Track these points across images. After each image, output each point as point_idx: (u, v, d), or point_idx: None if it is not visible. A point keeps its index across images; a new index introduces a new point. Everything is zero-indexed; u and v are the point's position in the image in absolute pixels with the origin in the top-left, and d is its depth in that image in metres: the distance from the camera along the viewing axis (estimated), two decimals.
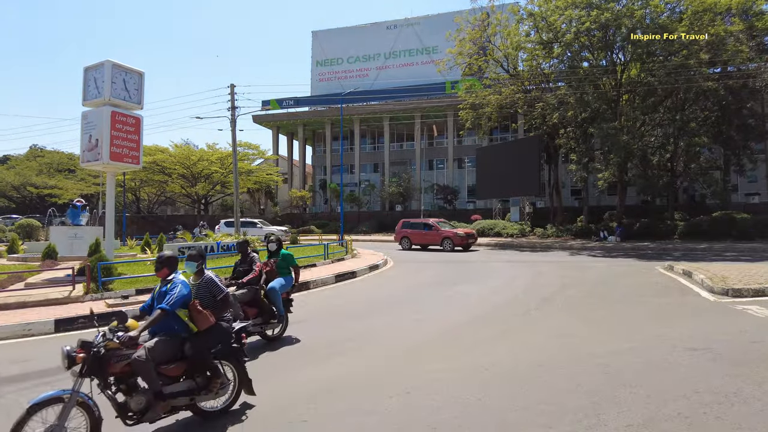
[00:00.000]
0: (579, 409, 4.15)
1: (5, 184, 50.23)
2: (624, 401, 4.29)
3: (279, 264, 7.25)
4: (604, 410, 4.11)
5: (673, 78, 24.27)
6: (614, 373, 5.08)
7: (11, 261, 16.43)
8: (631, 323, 7.57)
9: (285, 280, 7.14)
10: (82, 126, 13.34)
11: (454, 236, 23.45)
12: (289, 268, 7.32)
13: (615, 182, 27.81)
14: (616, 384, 4.73)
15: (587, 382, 4.80)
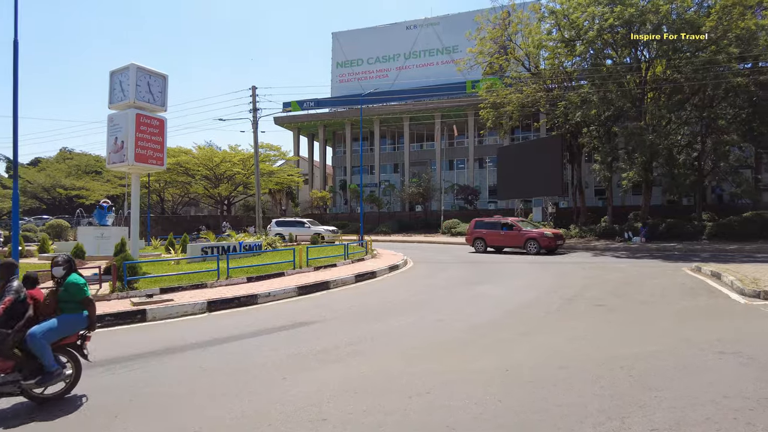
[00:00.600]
0: (602, 411, 4.07)
1: (36, 186, 51.75)
2: (649, 405, 4.19)
3: (61, 296, 4.93)
4: (629, 413, 4.01)
5: (700, 74, 23.63)
6: (639, 376, 4.96)
7: (42, 260, 16.90)
8: (657, 325, 7.39)
9: (60, 321, 4.75)
10: (108, 128, 13.67)
11: (540, 237, 21.09)
12: (77, 302, 4.94)
13: (640, 182, 27.24)
14: (640, 387, 4.62)
15: (611, 385, 4.69)
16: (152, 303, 9.18)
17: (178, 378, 5.28)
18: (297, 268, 14.36)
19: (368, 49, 51.78)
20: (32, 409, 4.47)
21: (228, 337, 7.17)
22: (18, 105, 9.65)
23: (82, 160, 58.23)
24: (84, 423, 4.13)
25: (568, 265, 16.37)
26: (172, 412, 4.31)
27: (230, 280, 11.92)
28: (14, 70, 9.57)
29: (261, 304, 10.05)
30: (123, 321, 8.36)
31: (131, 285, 10.53)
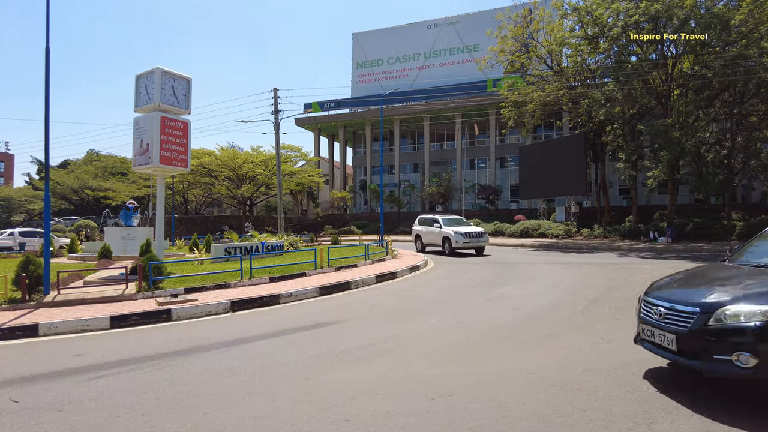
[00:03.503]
0: (628, 416, 3.99)
1: (65, 188, 53.19)
2: (676, 409, 4.09)
3: None
4: (656, 419, 3.92)
5: (730, 70, 22.98)
6: (667, 380, 4.84)
7: (71, 260, 17.39)
8: None
9: None
10: (134, 131, 13.96)
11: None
12: None
13: (666, 180, 26.64)
14: (668, 392, 4.52)
15: (637, 390, 4.60)
16: (177, 303, 9.34)
17: (203, 377, 5.36)
18: (318, 268, 14.45)
19: (388, 49, 51.79)
20: (61, 403, 4.59)
21: (251, 337, 7.25)
22: (50, 110, 9.91)
23: (109, 161, 59.66)
24: (111, 421, 4.22)
25: (591, 266, 16.10)
26: (197, 412, 4.37)
27: (253, 280, 12.06)
28: (46, 76, 9.84)
29: (283, 304, 10.14)
30: (148, 320, 8.53)
31: (156, 285, 10.73)
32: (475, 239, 20.69)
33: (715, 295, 4.30)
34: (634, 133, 27.93)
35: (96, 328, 8.04)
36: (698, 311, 4.16)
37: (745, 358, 3.76)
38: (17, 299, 9.44)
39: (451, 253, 20.68)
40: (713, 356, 3.94)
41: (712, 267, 5.59)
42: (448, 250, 20.81)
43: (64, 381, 5.35)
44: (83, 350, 6.69)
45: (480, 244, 20.89)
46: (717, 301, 4.17)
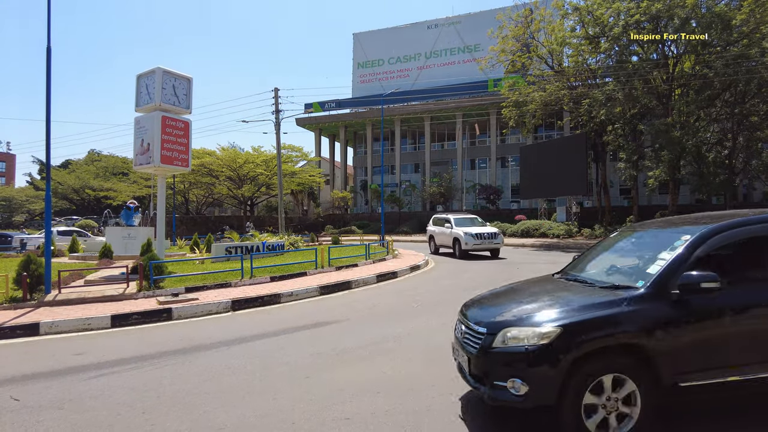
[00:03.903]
0: None
1: (66, 187, 53.25)
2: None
3: None
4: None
5: (732, 69, 22.96)
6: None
7: (72, 259, 17.40)
8: None
9: None
10: (134, 131, 13.96)
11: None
12: None
13: (667, 180, 26.62)
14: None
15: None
16: (178, 302, 9.34)
17: (204, 376, 5.36)
18: (319, 267, 14.44)
19: (389, 50, 51.79)
20: (62, 401, 4.59)
21: (252, 336, 7.25)
22: (51, 110, 9.92)
23: (110, 161, 59.73)
24: (111, 419, 4.22)
25: None
26: (197, 410, 4.37)
27: (254, 280, 12.06)
28: (47, 75, 9.84)
29: (284, 303, 10.14)
30: (149, 319, 8.53)
31: (157, 284, 10.73)
32: (488, 241, 18.85)
33: (506, 314, 3.90)
34: (635, 133, 27.91)
35: (97, 327, 8.04)
36: (485, 331, 3.76)
37: (518, 385, 3.43)
38: (18, 298, 9.45)
39: (462, 255, 18.92)
40: (493, 382, 3.58)
41: (537, 281, 5.08)
42: (458, 252, 19.12)
43: (65, 379, 5.35)
44: (84, 349, 6.69)
45: (493, 246, 19.09)
46: (503, 320, 3.79)
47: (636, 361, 3.43)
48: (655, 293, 3.59)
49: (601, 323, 3.49)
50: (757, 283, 3.85)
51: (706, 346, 3.53)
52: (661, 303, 3.56)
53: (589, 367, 3.38)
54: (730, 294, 3.65)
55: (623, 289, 3.75)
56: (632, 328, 3.47)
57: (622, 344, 3.46)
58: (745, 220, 4.00)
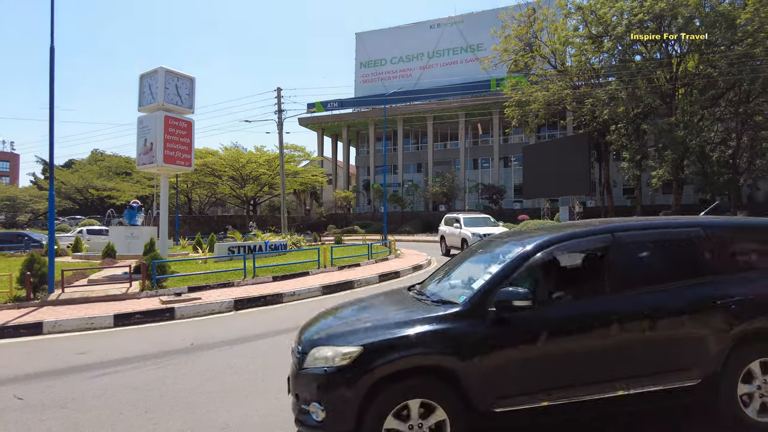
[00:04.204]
0: None
1: (70, 187, 53.39)
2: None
3: None
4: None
5: (736, 69, 22.87)
6: None
7: (76, 259, 17.44)
8: None
9: None
10: (137, 130, 14.00)
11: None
12: None
13: (670, 180, 26.53)
14: None
15: None
16: (180, 301, 9.35)
17: (206, 375, 5.36)
18: (321, 267, 14.44)
19: (392, 49, 51.74)
20: (65, 400, 4.60)
21: (254, 336, 7.25)
22: (54, 109, 9.94)
23: (113, 161, 59.83)
24: (114, 418, 4.23)
25: None
26: (200, 409, 4.38)
27: (256, 279, 12.07)
28: (50, 75, 9.87)
29: (286, 303, 10.15)
30: (152, 319, 8.54)
31: (160, 283, 10.75)
32: None
33: (322, 331, 3.57)
34: (639, 133, 27.83)
35: (100, 327, 8.06)
36: (300, 350, 3.48)
37: (317, 410, 3.17)
38: (22, 297, 9.48)
39: None
40: (301, 405, 3.30)
41: (388, 293, 4.59)
42: None
43: (68, 378, 5.37)
44: (87, 348, 6.71)
45: None
46: (317, 338, 3.46)
47: (446, 384, 3.13)
48: (472, 311, 3.31)
49: (407, 343, 3.17)
50: (576, 300, 3.66)
51: (522, 369, 3.25)
52: (476, 321, 3.27)
53: (391, 390, 3.09)
54: (547, 312, 3.47)
55: (444, 306, 3.48)
56: (441, 348, 3.17)
57: (428, 366, 3.18)
58: (573, 233, 3.80)
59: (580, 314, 3.47)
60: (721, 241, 3.85)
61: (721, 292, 3.55)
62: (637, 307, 3.45)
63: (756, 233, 4.08)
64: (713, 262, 3.72)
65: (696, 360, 3.46)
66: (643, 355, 3.41)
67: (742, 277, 3.74)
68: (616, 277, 3.57)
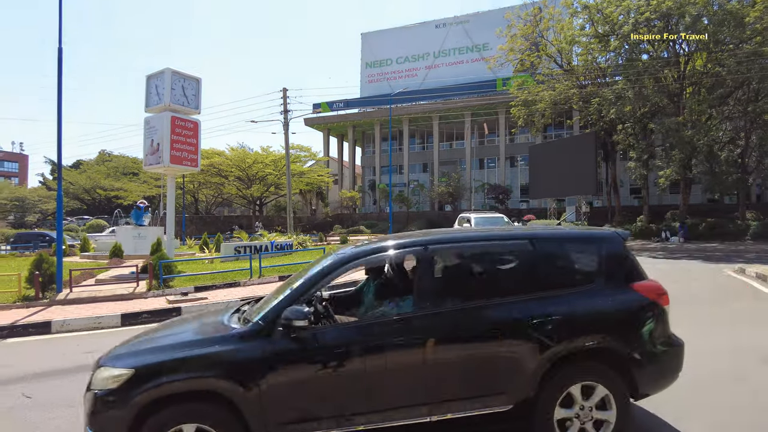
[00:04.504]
0: None
1: (78, 188, 53.80)
2: (686, 413, 4.03)
3: None
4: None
5: (744, 67, 22.64)
6: (679, 383, 4.77)
7: (83, 259, 17.57)
8: (696, 329, 7.10)
9: None
10: (144, 131, 14.09)
11: None
12: None
13: (678, 180, 26.32)
14: (676, 395, 4.45)
15: None
16: (187, 301, 9.40)
17: None
18: None
19: (397, 49, 51.70)
20: (73, 400, 4.64)
21: None
22: (62, 110, 10.02)
23: (121, 162, 60.25)
24: None
25: None
26: None
27: (262, 279, 12.12)
28: (58, 76, 9.95)
29: None
30: (159, 318, 8.57)
31: (167, 283, 10.81)
32: None
33: (116, 350, 3.32)
34: (646, 132, 27.64)
35: (107, 326, 8.12)
36: (94, 369, 3.24)
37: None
38: (31, 297, 9.58)
39: None
40: (86, 428, 3.03)
41: (210, 312, 4.29)
42: None
43: (76, 377, 5.40)
44: (95, 347, 6.75)
45: None
46: (103, 358, 3.25)
47: (224, 409, 2.93)
48: (261, 330, 3.10)
49: (183, 365, 2.97)
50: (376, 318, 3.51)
51: (310, 394, 3.04)
52: (262, 342, 3.05)
53: (162, 415, 2.88)
54: (341, 331, 3.28)
55: (239, 326, 3.27)
56: (218, 371, 2.96)
57: (204, 390, 2.97)
58: (377, 247, 3.60)
59: (377, 333, 3.21)
60: (548, 255, 3.60)
61: (539, 311, 3.29)
62: (445, 326, 3.21)
63: (583, 246, 3.77)
64: (535, 278, 3.49)
65: (509, 383, 3.20)
66: (452, 378, 3.17)
67: (565, 293, 3.43)
68: (425, 293, 3.32)
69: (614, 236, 3.72)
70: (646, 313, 3.46)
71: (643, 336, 3.40)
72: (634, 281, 3.55)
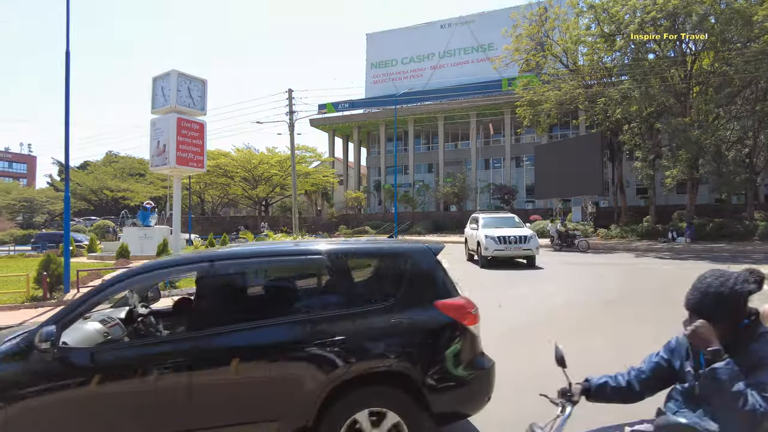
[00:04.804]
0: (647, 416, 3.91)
1: (85, 188, 54.22)
2: None
3: None
4: None
5: (752, 66, 22.44)
6: None
7: (91, 259, 17.70)
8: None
9: None
10: (150, 132, 14.18)
11: None
12: None
13: (685, 180, 26.14)
14: None
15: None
16: None
17: None
18: None
19: (402, 50, 51.73)
20: None
21: None
22: (69, 112, 10.11)
23: (127, 163, 60.67)
24: None
25: (607, 266, 15.89)
26: None
27: None
28: (66, 79, 10.04)
29: None
30: None
31: (173, 283, 10.86)
32: (515, 245, 15.15)
33: None
34: (652, 132, 27.47)
35: None
36: None
37: None
38: (39, 297, 9.66)
39: (484, 263, 15.53)
40: None
41: None
42: (480, 260, 15.80)
43: None
44: None
45: (522, 252, 15.39)
46: None
47: None
48: (20, 351, 2.90)
49: None
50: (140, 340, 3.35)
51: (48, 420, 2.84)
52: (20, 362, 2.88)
53: None
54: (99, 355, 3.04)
55: None
56: None
57: None
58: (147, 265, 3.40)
59: (139, 356, 3.03)
60: (344, 270, 3.36)
61: (323, 330, 3.06)
62: (215, 347, 3.00)
63: (387, 261, 3.57)
64: (328, 295, 3.31)
65: (283, 409, 2.98)
66: (220, 402, 2.95)
67: (357, 311, 3.17)
68: (203, 312, 3.17)
69: (423, 251, 3.48)
70: (446, 333, 3.18)
71: (440, 358, 3.12)
72: (439, 299, 3.26)
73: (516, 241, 15.20)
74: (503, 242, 15.19)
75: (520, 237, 15.32)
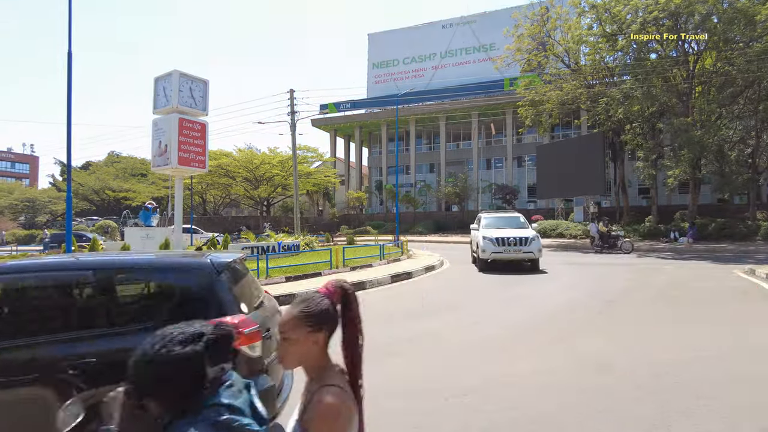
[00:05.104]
0: (645, 419, 3.92)
1: (87, 189, 54.29)
2: (698, 414, 4.00)
3: None
4: (675, 422, 3.85)
5: (755, 66, 22.39)
6: (686, 383, 4.74)
7: None
8: (706, 330, 7.06)
9: None
10: (152, 133, 14.18)
11: None
12: None
13: (687, 180, 26.09)
14: (688, 395, 4.42)
15: (655, 392, 4.52)
16: None
17: None
18: (334, 267, 14.50)
19: (404, 50, 51.73)
20: None
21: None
22: (71, 112, 10.13)
23: (129, 163, 60.72)
24: None
25: (607, 266, 15.87)
26: None
27: (269, 280, 12.16)
28: (68, 79, 10.06)
29: None
30: None
31: None
32: (514, 248, 14.43)
33: None
34: (654, 132, 27.43)
35: None
36: None
37: None
38: None
39: (483, 267, 14.97)
40: None
41: None
42: (478, 263, 15.41)
43: None
44: None
45: (523, 255, 14.71)
46: None
47: None
48: None
49: None
50: None
51: None
52: None
53: None
54: None
55: None
56: None
57: None
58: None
59: None
60: (105, 288, 3.16)
61: (71, 351, 2.86)
62: None
63: (158, 277, 3.37)
64: (86, 314, 3.09)
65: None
66: None
67: (112, 332, 2.97)
68: None
69: (199, 266, 3.26)
70: None
71: None
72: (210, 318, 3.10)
73: (516, 243, 14.49)
74: (502, 244, 14.49)
75: (520, 239, 14.60)
